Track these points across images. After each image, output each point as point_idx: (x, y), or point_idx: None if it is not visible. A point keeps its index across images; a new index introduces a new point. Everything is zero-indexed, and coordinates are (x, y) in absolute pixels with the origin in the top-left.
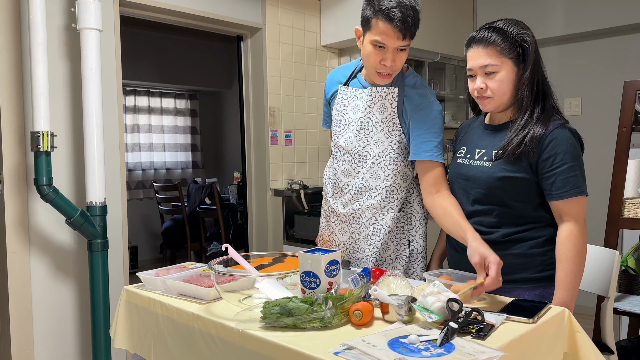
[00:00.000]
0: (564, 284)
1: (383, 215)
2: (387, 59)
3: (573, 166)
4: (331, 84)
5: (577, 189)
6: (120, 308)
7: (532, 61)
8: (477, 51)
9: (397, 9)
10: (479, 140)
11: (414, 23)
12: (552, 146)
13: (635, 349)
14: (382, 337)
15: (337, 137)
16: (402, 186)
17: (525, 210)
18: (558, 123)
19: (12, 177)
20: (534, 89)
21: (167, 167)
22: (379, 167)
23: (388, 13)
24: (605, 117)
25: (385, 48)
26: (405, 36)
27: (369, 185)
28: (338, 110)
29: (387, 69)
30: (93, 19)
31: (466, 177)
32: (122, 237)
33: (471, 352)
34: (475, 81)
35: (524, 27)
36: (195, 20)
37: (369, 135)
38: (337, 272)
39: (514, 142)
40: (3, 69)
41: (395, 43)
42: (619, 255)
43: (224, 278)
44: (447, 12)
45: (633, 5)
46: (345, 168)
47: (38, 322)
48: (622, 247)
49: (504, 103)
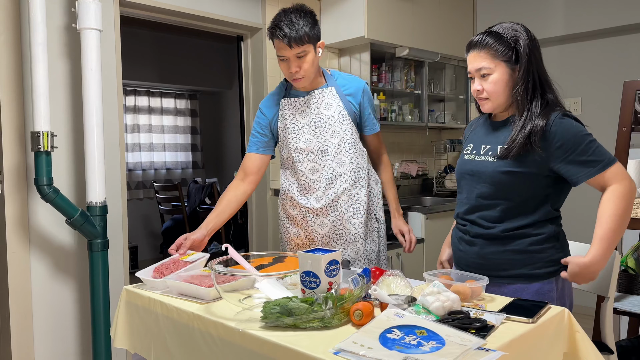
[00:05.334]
0: (598, 240)
1: (357, 194)
2: (292, 66)
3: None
4: (268, 109)
5: (601, 164)
6: (121, 308)
7: (526, 62)
8: (473, 55)
9: (280, 25)
10: (485, 137)
11: (298, 30)
12: (560, 134)
13: (635, 349)
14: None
15: (295, 142)
16: (363, 165)
17: (529, 205)
18: (558, 113)
19: (12, 177)
20: (529, 88)
21: (167, 167)
22: (342, 154)
23: (273, 32)
24: (605, 117)
25: (286, 59)
26: (292, 45)
27: (337, 173)
28: (288, 120)
29: (295, 74)
30: (93, 19)
31: (472, 172)
32: (122, 237)
33: (459, 341)
34: (474, 83)
35: (519, 31)
36: (195, 20)
37: (324, 131)
38: (337, 272)
39: (519, 142)
40: (3, 69)
41: (290, 52)
42: (619, 255)
43: (224, 278)
44: (447, 12)
45: (633, 5)
46: (312, 166)
47: (38, 322)
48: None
49: (501, 104)
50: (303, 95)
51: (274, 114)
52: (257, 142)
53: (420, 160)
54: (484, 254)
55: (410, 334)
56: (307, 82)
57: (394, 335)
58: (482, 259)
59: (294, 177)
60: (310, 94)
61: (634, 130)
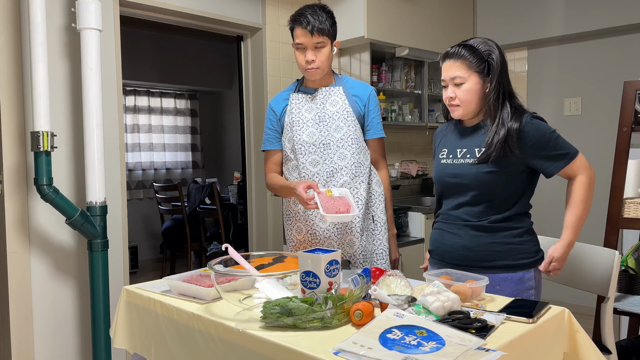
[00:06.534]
0: (570, 225)
1: (357, 188)
2: (308, 55)
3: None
4: (277, 104)
5: (568, 156)
6: (120, 308)
7: (497, 75)
8: (449, 64)
9: (305, 13)
10: (458, 141)
11: (322, 22)
12: (532, 134)
13: (635, 349)
14: (369, 336)
15: (299, 134)
16: (365, 163)
17: (510, 200)
18: (528, 116)
19: (12, 177)
20: (500, 97)
21: (167, 167)
22: (344, 148)
23: (296, 19)
24: (605, 117)
25: (304, 47)
26: (313, 33)
27: (338, 166)
28: (294, 114)
29: (311, 64)
30: (93, 19)
31: (453, 175)
32: (122, 237)
33: (459, 342)
34: (447, 91)
35: (492, 46)
36: (195, 20)
37: (328, 125)
38: (337, 272)
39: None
40: (3, 69)
41: (309, 41)
42: (619, 255)
43: (224, 278)
44: (447, 12)
45: (633, 5)
46: (313, 159)
47: (38, 322)
48: (622, 247)
49: (470, 111)
50: (312, 92)
51: (283, 108)
52: (271, 138)
53: (420, 160)
54: (471, 245)
55: (410, 334)
56: (320, 74)
57: (394, 335)
58: (468, 250)
59: (296, 171)
60: (318, 90)
61: (634, 130)
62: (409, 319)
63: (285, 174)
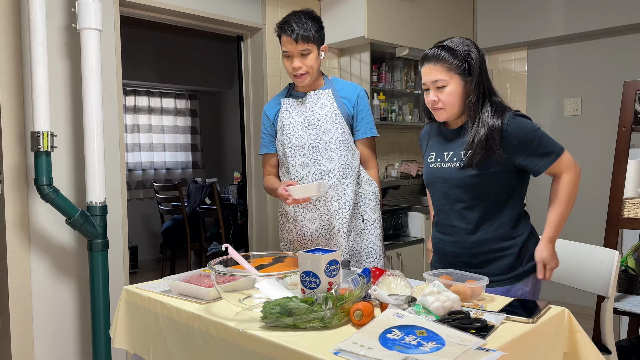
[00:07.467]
0: (553, 223)
1: (344, 190)
2: (295, 62)
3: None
4: (270, 109)
5: (554, 154)
6: (120, 308)
7: (477, 74)
8: (429, 67)
9: (289, 22)
10: (444, 145)
11: (306, 29)
12: (516, 133)
13: (635, 349)
14: (369, 336)
15: (289, 138)
16: (353, 165)
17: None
18: (510, 114)
19: (12, 177)
20: (480, 98)
21: (167, 167)
22: (332, 150)
23: (282, 27)
24: (605, 117)
25: (291, 55)
26: (298, 41)
27: (326, 169)
28: (285, 117)
29: (298, 70)
30: (93, 19)
31: (442, 179)
32: (122, 237)
33: (459, 342)
34: (429, 94)
35: (470, 45)
36: (195, 20)
37: (317, 129)
38: (337, 272)
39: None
40: (3, 69)
41: (295, 48)
42: (619, 255)
43: (224, 278)
44: (447, 12)
45: (633, 5)
46: (302, 161)
47: (38, 322)
48: (622, 247)
49: (454, 113)
50: (302, 96)
51: (275, 113)
52: (266, 142)
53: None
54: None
55: (410, 334)
56: (308, 79)
57: (394, 335)
58: (463, 256)
59: (288, 173)
60: (307, 94)
61: (634, 130)
62: (409, 319)
63: (281, 176)
